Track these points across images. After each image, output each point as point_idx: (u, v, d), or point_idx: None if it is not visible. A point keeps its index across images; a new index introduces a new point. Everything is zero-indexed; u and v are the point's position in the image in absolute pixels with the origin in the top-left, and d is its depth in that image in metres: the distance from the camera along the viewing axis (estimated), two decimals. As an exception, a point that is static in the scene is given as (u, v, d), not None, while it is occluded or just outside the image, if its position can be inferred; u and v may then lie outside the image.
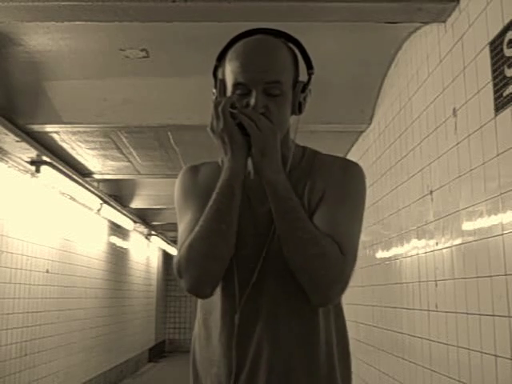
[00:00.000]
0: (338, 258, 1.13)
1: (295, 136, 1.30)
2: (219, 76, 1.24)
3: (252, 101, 1.15)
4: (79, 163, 4.90)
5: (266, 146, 1.13)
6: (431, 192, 2.57)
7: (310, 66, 1.26)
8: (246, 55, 1.18)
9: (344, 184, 1.24)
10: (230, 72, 1.20)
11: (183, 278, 1.17)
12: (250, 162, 1.20)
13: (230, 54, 1.21)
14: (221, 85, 1.22)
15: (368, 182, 1.30)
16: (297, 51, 1.25)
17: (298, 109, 1.24)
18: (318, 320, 1.20)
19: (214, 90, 1.24)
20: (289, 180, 1.17)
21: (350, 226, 1.21)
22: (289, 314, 1.19)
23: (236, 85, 1.18)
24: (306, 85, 1.24)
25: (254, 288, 1.18)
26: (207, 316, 1.25)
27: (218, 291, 1.21)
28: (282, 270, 1.17)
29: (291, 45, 1.24)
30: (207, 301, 1.24)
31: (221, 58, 1.24)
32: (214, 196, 1.16)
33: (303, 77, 1.25)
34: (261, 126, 1.12)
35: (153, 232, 9.64)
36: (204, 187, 1.25)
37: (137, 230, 9.04)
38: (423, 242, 2.71)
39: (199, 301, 1.28)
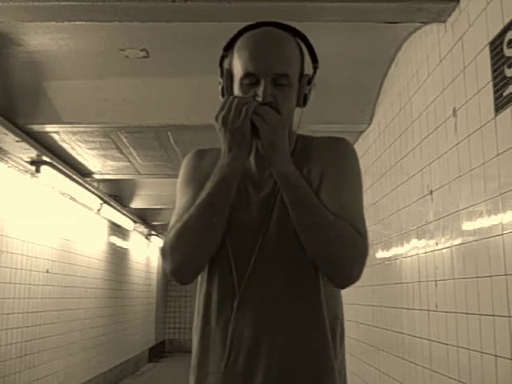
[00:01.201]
0: (355, 238, 1.16)
1: (297, 129, 1.31)
2: (225, 66, 1.25)
3: (260, 90, 1.16)
4: (79, 163, 4.90)
5: (275, 138, 1.14)
6: (431, 192, 2.57)
7: (315, 60, 1.28)
8: (257, 45, 1.20)
9: (341, 164, 1.26)
10: (238, 61, 1.20)
11: (166, 261, 1.20)
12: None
13: (240, 44, 1.22)
14: (227, 74, 1.23)
15: (368, 182, 1.31)
16: (303, 45, 1.26)
17: (302, 101, 1.26)
18: (319, 304, 1.20)
19: (221, 80, 1.25)
20: None
21: (356, 205, 1.24)
22: (288, 299, 1.19)
23: (245, 74, 1.18)
24: (311, 78, 1.26)
25: (251, 274, 1.19)
26: (206, 308, 1.24)
27: (215, 281, 1.22)
28: (279, 255, 1.19)
29: (298, 39, 1.26)
30: (204, 292, 1.24)
31: (228, 49, 1.25)
32: (208, 189, 1.17)
33: (308, 70, 1.27)
34: (269, 120, 1.13)
35: (153, 232, 9.65)
36: (206, 174, 1.25)
37: (137, 230, 9.04)
38: (423, 242, 2.71)
39: (197, 293, 1.28)
